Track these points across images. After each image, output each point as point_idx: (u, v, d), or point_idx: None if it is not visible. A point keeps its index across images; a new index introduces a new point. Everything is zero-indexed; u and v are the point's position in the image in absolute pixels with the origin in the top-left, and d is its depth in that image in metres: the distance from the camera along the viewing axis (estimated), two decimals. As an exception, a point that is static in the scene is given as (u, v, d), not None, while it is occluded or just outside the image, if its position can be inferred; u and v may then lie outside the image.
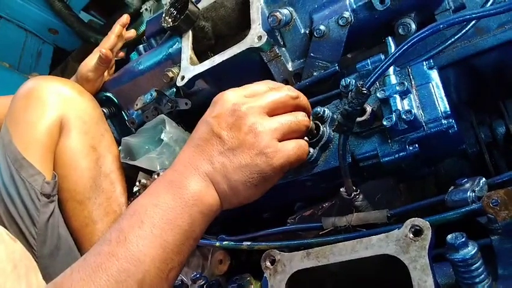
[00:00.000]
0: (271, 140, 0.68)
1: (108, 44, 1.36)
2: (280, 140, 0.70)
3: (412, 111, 0.74)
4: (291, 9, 0.97)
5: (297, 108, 0.76)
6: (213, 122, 0.69)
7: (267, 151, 0.67)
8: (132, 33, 1.49)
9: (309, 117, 0.79)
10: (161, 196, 0.63)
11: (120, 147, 1.26)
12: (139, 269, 0.55)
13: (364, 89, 0.71)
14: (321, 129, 0.84)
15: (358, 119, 0.79)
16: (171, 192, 0.63)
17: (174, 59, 1.22)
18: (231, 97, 0.72)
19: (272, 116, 0.71)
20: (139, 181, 1.16)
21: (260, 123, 0.68)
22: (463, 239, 0.58)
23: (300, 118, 0.74)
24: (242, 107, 0.69)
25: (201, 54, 1.13)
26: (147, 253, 0.56)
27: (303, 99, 0.78)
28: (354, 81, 0.85)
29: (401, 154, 0.77)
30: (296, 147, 0.72)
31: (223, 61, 1.00)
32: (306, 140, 0.80)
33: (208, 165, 0.67)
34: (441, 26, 0.67)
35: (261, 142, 0.67)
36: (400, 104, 0.76)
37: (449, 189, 0.74)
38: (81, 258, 0.59)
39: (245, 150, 0.66)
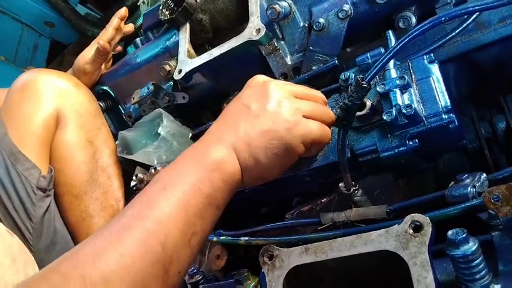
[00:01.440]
0: (295, 112, 0.70)
1: (106, 36, 1.35)
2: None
3: (413, 105, 0.73)
4: (290, 1, 0.96)
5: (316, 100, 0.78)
6: (243, 96, 0.73)
7: (289, 119, 0.69)
8: (130, 27, 1.48)
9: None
10: (184, 164, 0.65)
11: (116, 141, 1.25)
12: (162, 229, 0.56)
13: (364, 82, 0.70)
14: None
15: (358, 114, 0.78)
16: (193, 159, 0.65)
17: (172, 52, 1.20)
18: (263, 77, 0.76)
19: None
20: (136, 175, 1.15)
21: (288, 98, 0.71)
22: (464, 235, 0.57)
23: (326, 110, 0.76)
24: (273, 83, 0.73)
25: (198, 48, 1.12)
26: (170, 215, 0.57)
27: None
28: (353, 75, 0.84)
29: (401, 149, 0.76)
30: (320, 126, 0.73)
31: (221, 54, 0.99)
32: None
33: (233, 134, 0.68)
34: (443, 19, 0.66)
35: (286, 112, 0.69)
36: (400, 98, 0.75)
37: (450, 185, 0.73)
38: (104, 225, 0.60)
39: (268, 117, 0.68)
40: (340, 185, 0.81)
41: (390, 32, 0.84)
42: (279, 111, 0.69)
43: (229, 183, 0.65)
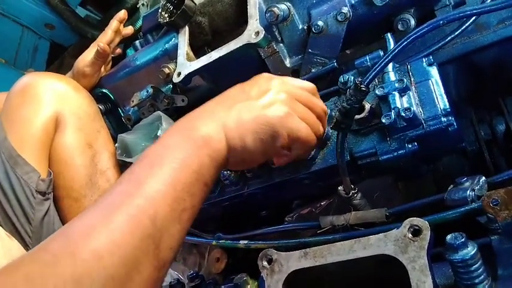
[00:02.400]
0: (290, 107, 0.71)
1: (105, 39, 1.34)
2: None
3: (411, 108, 0.73)
4: (288, 4, 0.95)
5: (321, 119, 0.79)
6: (245, 83, 0.75)
7: (284, 110, 0.70)
8: (129, 30, 1.47)
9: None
10: (172, 138, 0.65)
11: (116, 144, 1.25)
12: (151, 205, 0.56)
13: (363, 86, 0.70)
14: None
15: (357, 117, 0.78)
16: (182, 134, 0.65)
17: (171, 55, 1.20)
18: (271, 75, 0.77)
19: None
20: (136, 178, 1.15)
21: (287, 96, 0.72)
22: (463, 239, 0.57)
23: (319, 124, 0.77)
24: (278, 78, 0.74)
25: (198, 50, 1.12)
26: (159, 190, 0.57)
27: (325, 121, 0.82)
28: (352, 77, 0.84)
29: (400, 152, 0.76)
30: (309, 130, 0.73)
31: (220, 57, 0.99)
32: None
33: (225, 112, 0.69)
34: (441, 22, 0.66)
35: (282, 103, 0.70)
36: (399, 101, 0.75)
37: (449, 188, 0.73)
38: (92, 203, 0.60)
39: (264, 103, 0.70)
40: (339, 188, 0.81)
41: (389, 34, 0.84)
42: (276, 101, 0.70)
43: (216, 160, 0.65)
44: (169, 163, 0.60)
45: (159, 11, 1.14)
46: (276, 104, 0.70)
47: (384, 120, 0.74)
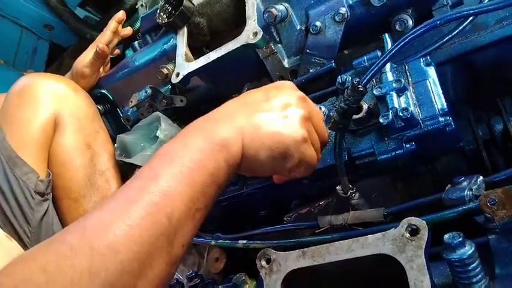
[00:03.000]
0: (306, 131, 0.71)
1: (104, 39, 1.35)
2: None
3: (409, 108, 0.73)
4: (286, 5, 0.96)
5: (322, 146, 0.79)
6: (270, 92, 0.74)
7: (302, 134, 0.70)
8: (128, 30, 1.47)
9: None
10: (192, 139, 0.65)
11: (115, 145, 1.25)
12: (168, 203, 0.57)
13: (360, 86, 0.70)
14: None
15: (355, 117, 0.78)
16: (201, 134, 0.65)
17: (169, 56, 1.20)
18: (295, 87, 0.77)
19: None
20: (135, 179, 1.15)
21: (306, 115, 0.72)
22: (460, 239, 0.57)
23: (319, 152, 0.77)
24: (302, 97, 0.74)
25: (196, 51, 1.12)
26: (176, 189, 0.59)
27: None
28: (350, 78, 0.84)
29: (397, 152, 0.76)
30: (316, 157, 0.74)
31: (218, 58, 0.99)
32: None
33: (246, 119, 0.69)
34: (438, 22, 0.66)
35: (301, 126, 0.70)
36: (397, 102, 0.75)
37: (447, 188, 0.73)
38: (110, 196, 0.61)
39: (285, 123, 0.70)
40: (337, 187, 0.81)
41: (387, 35, 0.85)
42: (296, 123, 0.70)
43: (231, 165, 0.66)
44: (188, 163, 0.61)
45: (158, 11, 1.14)
46: (295, 125, 0.70)
47: (381, 120, 0.74)
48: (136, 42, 1.41)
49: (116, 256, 0.51)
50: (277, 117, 0.70)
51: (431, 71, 0.78)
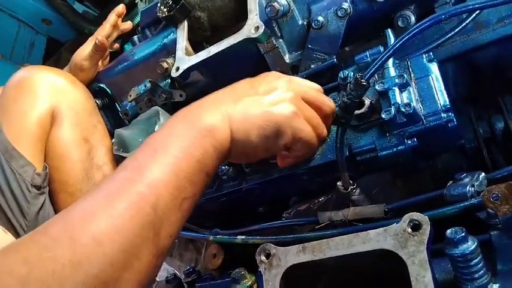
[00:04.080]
0: (296, 107, 0.70)
1: (104, 33, 1.34)
2: None
3: (411, 104, 0.73)
4: (289, -1, 0.95)
5: (327, 118, 0.78)
6: (254, 79, 0.74)
7: (292, 109, 0.69)
8: (128, 25, 1.46)
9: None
10: (176, 127, 0.64)
11: (113, 139, 1.24)
12: (153, 193, 0.56)
13: (363, 80, 0.70)
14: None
15: (356, 112, 0.78)
16: (186, 122, 0.65)
17: (169, 50, 1.19)
18: (281, 74, 0.77)
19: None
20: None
21: (295, 95, 0.71)
22: (463, 234, 0.57)
23: (322, 127, 0.76)
24: (287, 78, 0.74)
25: (196, 45, 1.11)
26: (161, 178, 0.58)
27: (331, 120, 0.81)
28: (352, 73, 0.84)
29: (399, 148, 0.76)
30: (313, 133, 0.73)
31: (219, 52, 0.98)
32: None
33: (232, 103, 0.68)
34: (442, 17, 0.66)
35: (289, 102, 0.70)
36: (399, 97, 0.75)
37: (448, 184, 0.73)
38: (94, 187, 0.60)
39: (272, 100, 0.69)
40: (338, 183, 0.81)
41: (389, 30, 0.84)
42: (284, 99, 0.70)
43: (219, 151, 0.65)
44: (173, 151, 0.60)
45: (158, 5, 1.13)
46: (283, 103, 0.70)
47: (383, 116, 0.74)
48: (135, 37, 1.40)
49: (98, 247, 0.50)
50: (264, 98, 0.70)
51: (434, 67, 0.78)
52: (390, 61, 0.79)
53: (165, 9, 1.12)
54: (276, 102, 0.69)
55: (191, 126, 0.64)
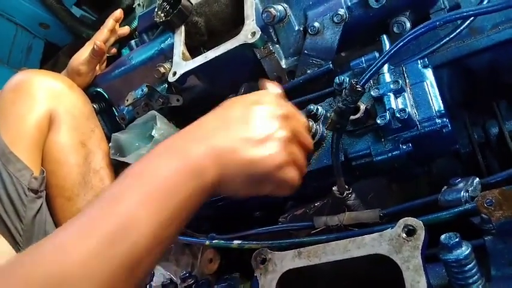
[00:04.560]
0: (288, 154, 0.67)
1: (102, 37, 1.34)
2: None
3: (406, 109, 0.73)
4: (285, 5, 0.96)
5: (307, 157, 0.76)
6: (249, 103, 0.69)
7: (281, 158, 0.66)
8: (125, 29, 1.47)
9: None
10: (165, 160, 0.61)
11: (110, 144, 1.24)
12: (131, 232, 0.53)
13: (359, 86, 0.70)
14: (314, 127, 0.83)
15: (352, 117, 0.78)
16: (175, 157, 0.61)
17: (166, 55, 1.20)
18: (277, 96, 0.73)
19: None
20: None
21: (289, 136, 0.68)
22: (457, 239, 0.57)
23: (305, 167, 0.73)
24: (284, 114, 0.69)
25: (193, 50, 1.12)
26: (141, 217, 0.54)
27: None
28: (347, 79, 0.85)
29: (394, 153, 0.76)
30: (297, 177, 0.70)
31: (215, 57, 0.99)
32: None
33: (223, 140, 0.64)
34: (437, 23, 0.67)
35: (282, 148, 0.66)
36: (394, 103, 0.76)
37: (443, 189, 0.73)
38: (69, 221, 0.56)
39: (265, 144, 0.65)
40: (333, 188, 0.81)
41: (385, 36, 0.85)
42: (277, 147, 0.66)
43: (205, 191, 0.62)
44: (157, 190, 0.57)
45: (156, 10, 1.14)
46: (276, 149, 0.65)
47: (378, 121, 0.74)
48: (133, 41, 1.41)
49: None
50: (256, 141, 0.65)
51: (429, 73, 0.79)
52: (385, 67, 0.80)
53: (162, 14, 1.12)
54: (270, 147, 0.65)
55: (179, 163, 0.60)
